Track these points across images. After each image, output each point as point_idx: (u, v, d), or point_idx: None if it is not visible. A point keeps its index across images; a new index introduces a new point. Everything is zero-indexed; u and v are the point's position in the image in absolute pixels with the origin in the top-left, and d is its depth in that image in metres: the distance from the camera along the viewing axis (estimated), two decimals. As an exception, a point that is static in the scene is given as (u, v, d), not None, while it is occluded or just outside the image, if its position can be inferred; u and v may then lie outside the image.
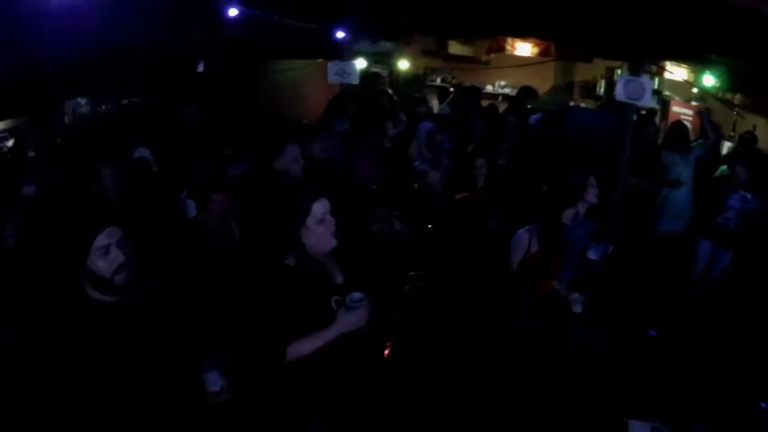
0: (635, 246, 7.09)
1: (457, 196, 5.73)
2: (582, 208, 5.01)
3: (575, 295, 4.84)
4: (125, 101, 7.63)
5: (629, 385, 5.49)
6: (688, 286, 7.30)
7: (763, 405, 4.40)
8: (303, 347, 2.97)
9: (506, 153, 6.92)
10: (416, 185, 5.86)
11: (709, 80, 7.91)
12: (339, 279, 3.20)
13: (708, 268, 7.29)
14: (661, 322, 6.53)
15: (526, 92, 10.26)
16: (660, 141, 8.46)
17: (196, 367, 2.96)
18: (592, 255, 4.96)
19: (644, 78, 6.13)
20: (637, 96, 5.98)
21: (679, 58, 9.64)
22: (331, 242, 3.13)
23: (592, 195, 5.02)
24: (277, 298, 2.97)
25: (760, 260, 6.83)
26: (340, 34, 7.74)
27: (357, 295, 3.08)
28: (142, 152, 5.88)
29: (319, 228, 3.07)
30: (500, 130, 7.49)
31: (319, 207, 3.08)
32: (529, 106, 9.53)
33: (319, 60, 9.31)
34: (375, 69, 11.52)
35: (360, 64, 10.53)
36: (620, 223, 6.67)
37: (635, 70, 6.38)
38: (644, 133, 7.66)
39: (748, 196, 6.82)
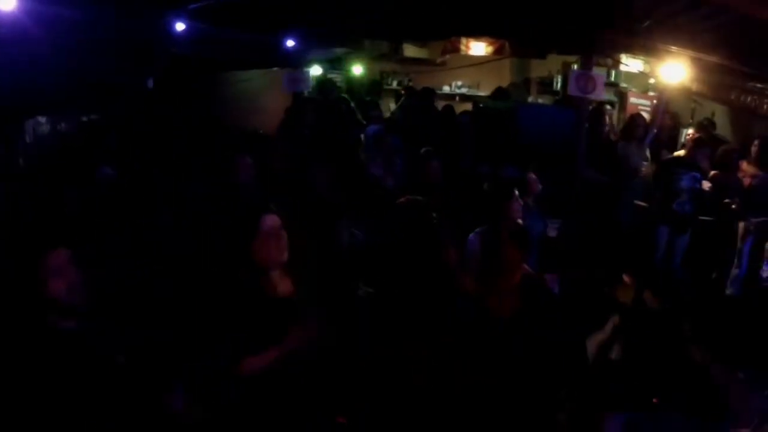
0: (598, 236, 7.29)
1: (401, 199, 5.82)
2: (530, 199, 5.27)
3: (550, 276, 5.00)
4: (85, 119, 7.59)
5: (602, 377, 5.57)
6: (650, 272, 7.43)
7: (741, 375, 4.63)
8: (256, 362, 2.99)
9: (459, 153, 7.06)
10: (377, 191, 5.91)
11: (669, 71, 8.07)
12: (288, 292, 3.22)
13: (668, 253, 7.45)
14: (626, 309, 6.70)
15: (499, 93, 10.40)
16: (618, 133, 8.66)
17: (160, 388, 2.97)
18: (551, 232, 5.16)
19: (595, 71, 6.28)
20: (589, 89, 6.12)
21: (629, 51, 9.83)
22: (282, 256, 3.16)
23: (536, 187, 5.28)
24: (226, 313, 3.00)
25: (716, 242, 7.02)
26: (290, 43, 7.76)
27: (306, 311, 3.12)
28: (105, 171, 5.87)
29: (269, 242, 3.10)
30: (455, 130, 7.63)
31: (269, 221, 3.11)
32: (481, 105, 9.68)
33: (275, 69, 9.37)
34: (331, 75, 11.61)
35: (315, 71, 10.66)
36: (580, 214, 6.82)
37: (586, 64, 6.48)
38: (597, 125, 7.78)
39: (698, 176, 7.01)
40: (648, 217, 7.47)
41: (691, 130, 9.09)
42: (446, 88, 12.60)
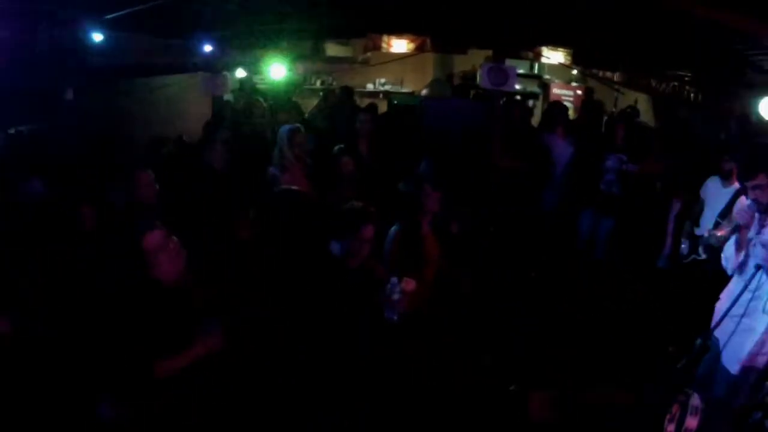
0: (520, 225, 7.58)
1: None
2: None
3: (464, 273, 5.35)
4: (12, 131, 7.63)
5: (529, 359, 5.86)
6: (572, 255, 7.79)
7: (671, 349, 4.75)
8: (170, 364, 3.13)
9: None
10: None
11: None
12: (199, 301, 3.40)
13: (592, 236, 7.77)
14: (548, 294, 6.97)
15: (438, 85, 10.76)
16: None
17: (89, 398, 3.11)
18: (454, 228, 5.49)
19: (507, 64, 6.69)
20: (501, 82, 6.51)
21: (544, 44, 10.34)
22: (177, 267, 3.32)
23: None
24: (139, 319, 3.14)
25: (641, 224, 7.38)
26: (208, 47, 7.92)
27: (210, 320, 3.27)
28: (34, 183, 5.86)
29: (160, 257, 3.24)
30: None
31: (153, 239, 3.24)
32: (395, 102, 10.03)
33: (199, 73, 9.54)
34: (255, 78, 11.78)
35: (240, 74, 10.88)
36: (497, 204, 7.13)
37: (498, 58, 6.87)
38: (511, 116, 8.03)
39: (624, 157, 7.35)
40: (573, 201, 7.76)
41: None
42: (369, 86, 12.85)
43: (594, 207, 7.62)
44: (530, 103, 12.42)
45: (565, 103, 10.62)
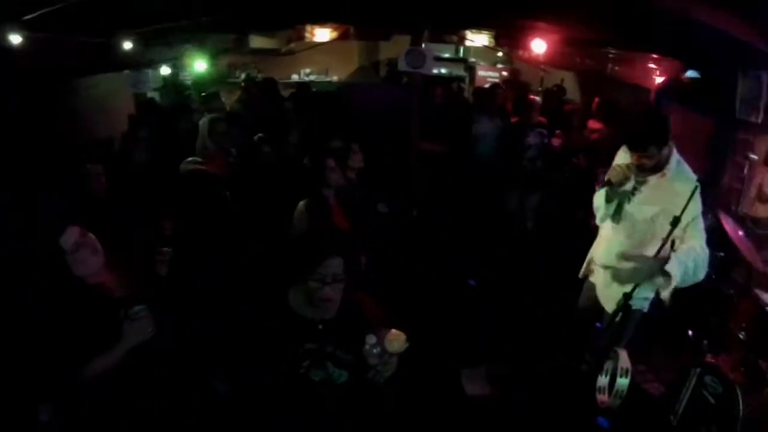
0: (447, 204, 7.93)
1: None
2: (351, 173, 5.74)
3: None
4: None
5: (460, 336, 6.24)
6: (500, 233, 8.10)
7: (598, 324, 5.01)
8: (99, 363, 3.19)
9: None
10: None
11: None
12: (122, 294, 3.47)
13: (518, 213, 8.16)
14: (479, 271, 7.40)
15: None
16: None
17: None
18: (381, 208, 5.75)
19: (425, 47, 6.97)
20: (419, 64, 6.81)
21: (467, 27, 10.65)
22: (96, 262, 3.44)
23: (356, 160, 5.75)
24: (64, 319, 3.21)
25: (563, 198, 7.78)
26: (129, 45, 7.94)
27: (137, 307, 3.30)
28: None
29: (78, 255, 3.36)
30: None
31: (68, 237, 3.34)
32: (314, 90, 10.26)
33: (126, 72, 9.62)
34: (181, 74, 11.83)
35: (165, 70, 10.95)
36: (419, 184, 7.43)
37: (416, 41, 7.11)
38: (432, 99, 8.28)
39: (544, 132, 7.71)
40: (498, 179, 8.02)
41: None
42: (295, 77, 13.08)
43: (519, 183, 7.93)
44: (455, 86, 12.77)
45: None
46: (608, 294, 4.74)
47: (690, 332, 6.11)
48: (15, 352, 3.16)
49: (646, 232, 4.42)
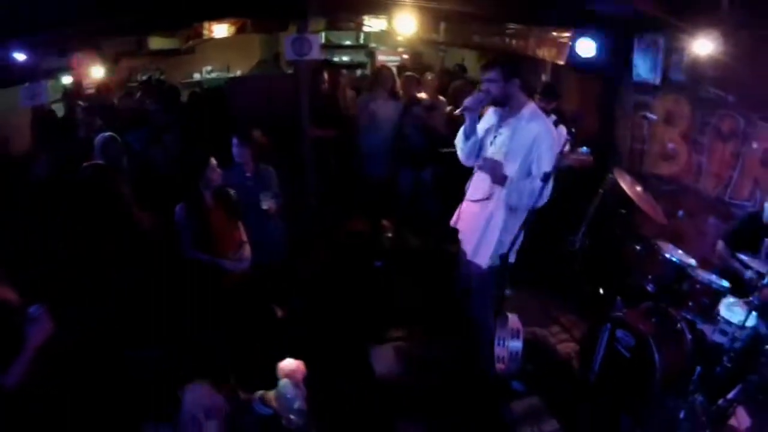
0: (342, 190, 8.18)
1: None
2: (249, 168, 6.03)
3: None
4: None
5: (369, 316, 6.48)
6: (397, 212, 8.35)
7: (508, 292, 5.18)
8: (16, 368, 3.28)
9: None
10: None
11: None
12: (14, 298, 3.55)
13: (414, 192, 8.41)
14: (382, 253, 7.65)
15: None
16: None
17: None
18: (264, 205, 5.97)
19: (310, 35, 7.20)
20: (305, 52, 7.04)
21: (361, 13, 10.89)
22: None
23: (236, 153, 5.98)
24: None
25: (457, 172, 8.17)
26: (20, 56, 7.73)
27: (33, 308, 3.42)
28: None
29: None
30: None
31: None
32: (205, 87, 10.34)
33: (27, 85, 9.47)
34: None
35: (66, 80, 10.75)
36: (315, 172, 7.64)
37: (302, 29, 7.34)
38: (319, 85, 8.47)
39: (421, 108, 8.02)
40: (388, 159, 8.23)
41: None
42: (197, 76, 13.13)
43: (407, 161, 8.18)
44: (358, 72, 13.05)
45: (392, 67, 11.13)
46: None
47: (601, 290, 6.58)
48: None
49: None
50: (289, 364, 4.11)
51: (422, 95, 8.42)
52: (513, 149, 4.77)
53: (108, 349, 4.56)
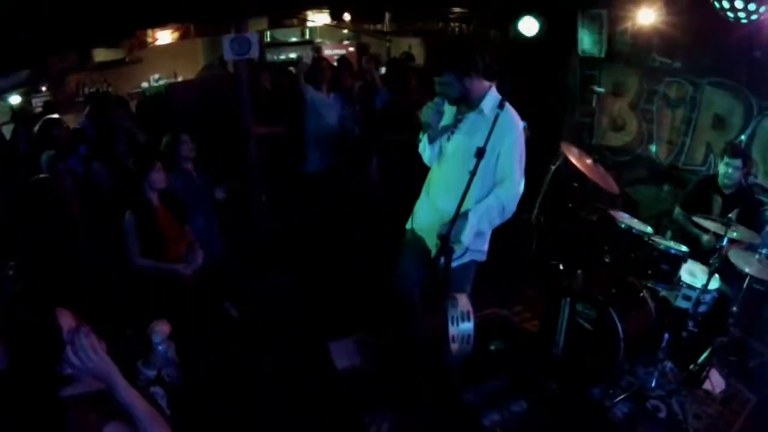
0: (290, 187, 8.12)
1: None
2: (188, 164, 6.02)
3: None
4: None
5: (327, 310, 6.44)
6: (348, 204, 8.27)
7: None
8: None
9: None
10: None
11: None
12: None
13: (363, 182, 8.40)
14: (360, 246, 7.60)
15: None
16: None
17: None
18: (218, 195, 6.04)
19: (250, 34, 7.10)
20: (243, 51, 6.95)
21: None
22: None
23: (185, 150, 5.97)
24: None
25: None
26: None
27: None
28: None
29: None
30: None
31: None
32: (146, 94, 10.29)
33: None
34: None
35: (15, 100, 10.66)
36: (260, 168, 7.57)
37: (240, 28, 7.16)
38: (260, 83, 8.52)
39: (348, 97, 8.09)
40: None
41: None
42: (144, 84, 12.90)
43: (349, 152, 8.14)
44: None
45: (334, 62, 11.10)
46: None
47: (560, 265, 6.58)
48: None
49: (462, 168, 4.31)
50: (155, 323, 4.23)
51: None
52: (471, 150, 4.12)
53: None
